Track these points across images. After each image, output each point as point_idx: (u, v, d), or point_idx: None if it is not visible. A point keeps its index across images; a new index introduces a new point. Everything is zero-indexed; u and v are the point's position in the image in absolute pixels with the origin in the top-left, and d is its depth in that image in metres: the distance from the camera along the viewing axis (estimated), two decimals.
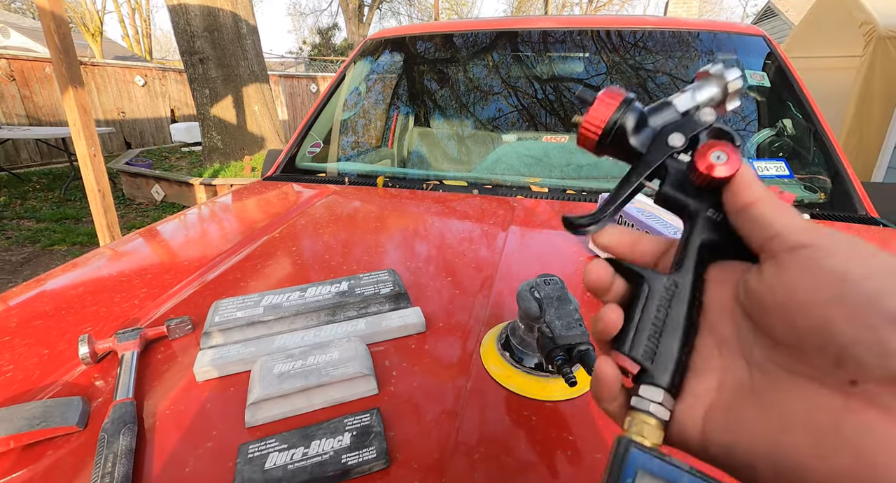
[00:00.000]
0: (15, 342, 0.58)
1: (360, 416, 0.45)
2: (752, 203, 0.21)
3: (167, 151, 6.79)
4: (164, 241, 0.93)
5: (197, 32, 5.14)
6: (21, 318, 0.64)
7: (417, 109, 1.76)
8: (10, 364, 0.54)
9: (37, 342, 0.58)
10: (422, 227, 0.94)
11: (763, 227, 0.21)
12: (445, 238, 0.88)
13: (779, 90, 1.26)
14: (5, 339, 0.59)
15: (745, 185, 0.22)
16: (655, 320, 0.23)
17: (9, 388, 0.50)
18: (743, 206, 0.22)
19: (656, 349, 0.22)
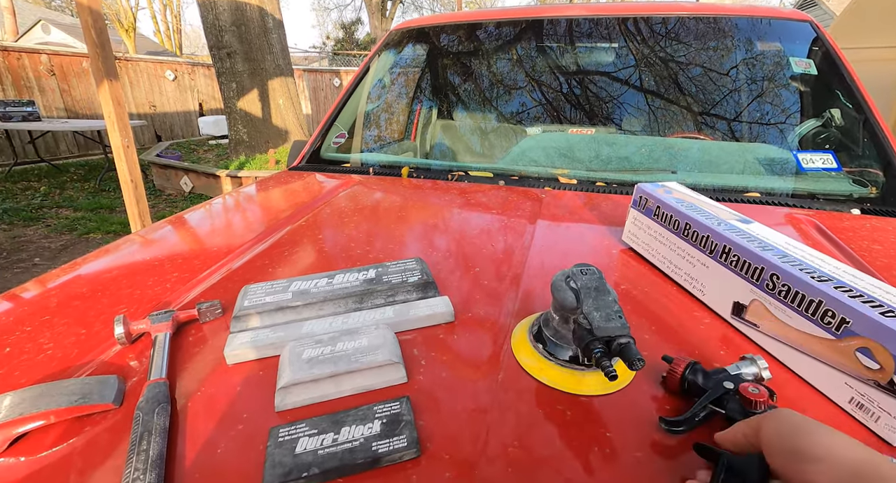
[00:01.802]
0: (54, 322, 0.60)
1: (390, 404, 0.44)
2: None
3: (195, 144, 6.96)
4: (193, 229, 0.94)
5: (225, 27, 5.23)
6: (60, 299, 0.65)
7: (441, 101, 1.74)
8: (50, 342, 0.55)
9: (75, 322, 0.59)
10: (448, 217, 0.93)
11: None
12: (472, 229, 0.87)
13: (826, 78, 1.20)
14: (45, 318, 0.61)
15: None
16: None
17: (49, 365, 0.52)
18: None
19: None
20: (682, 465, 0.39)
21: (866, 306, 0.39)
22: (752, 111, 1.27)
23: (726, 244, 0.54)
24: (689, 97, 1.33)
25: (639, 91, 1.38)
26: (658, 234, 0.66)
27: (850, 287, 0.42)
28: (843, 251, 0.73)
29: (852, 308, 0.40)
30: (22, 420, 0.41)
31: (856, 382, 0.40)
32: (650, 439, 0.41)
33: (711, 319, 0.57)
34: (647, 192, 0.69)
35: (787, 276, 0.46)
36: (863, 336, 0.39)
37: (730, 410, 0.39)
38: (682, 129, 1.32)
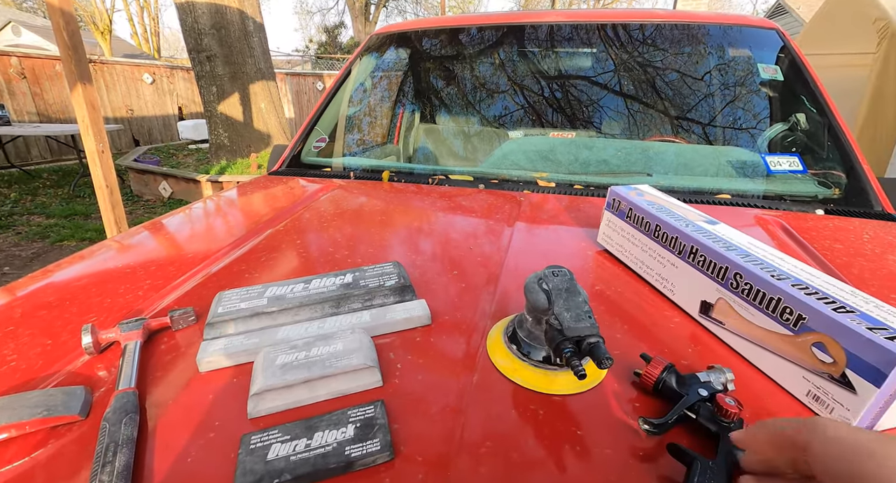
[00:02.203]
0: (18, 332, 0.58)
1: (363, 408, 0.44)
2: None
3: (175, 149, 6.84)
4: (169, 234, 0.93)
5: (204, 30, 5.16)
6: (25, 308, 0.64)
7: (423, 105, 1.75)
8: (13, 354, 0.54)
9: (40, 332, 0.58)
10: (427, 221, 0.93)
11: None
12: (451, 232, 0.87)
13: (792, 84, 1.24)
14: (9, 329, 0.59)
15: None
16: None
17: (12, 378, 0.50)
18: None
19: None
20: (651, 463, 0.40)
21: (821, 303, 0.41)
22: (723, 115, 1.31)
23: (694, 245, 0.56)
24: (663, 101, 1.36)
25: (615, 95, 1.41)
26: (630, 235, 0.68)
27: (806, 284, 0.44)
28: (807, 250, 0.75)
29: (808, 305, 0.42)
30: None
31: (812, 376, 0.42)
32: (620, 438, 0.42)
33: (681, 318, 0.58)
34: (619, 195, 0.71)
35: (749, 275, 0.48)
36: (818, 331, 0.41)
37: (701, 417, 0.41)
38: (660, 133, 1.35)
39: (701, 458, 0.36)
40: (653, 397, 0.46)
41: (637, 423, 0.42)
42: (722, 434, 0.38)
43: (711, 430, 0.39)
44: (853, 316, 0.39)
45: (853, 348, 0.38)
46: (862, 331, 0.37)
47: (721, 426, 0.39)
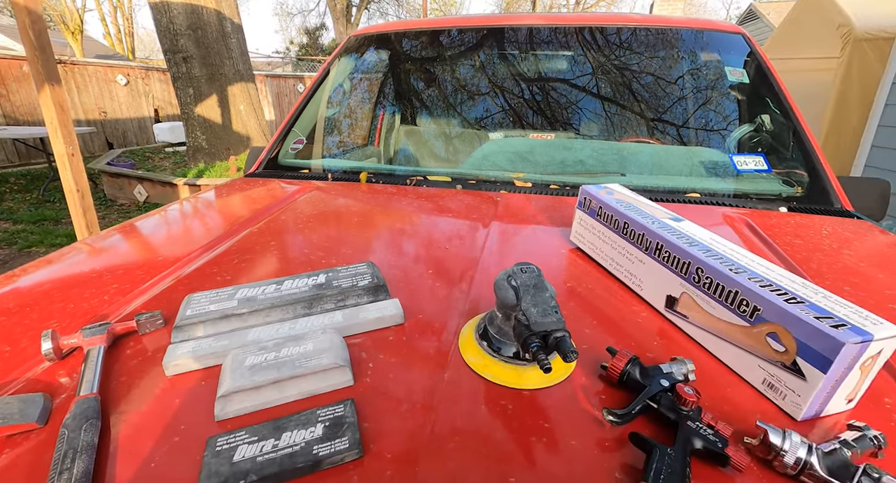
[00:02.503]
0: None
1: (333, 408, 0.44)
2: None
3: (150, 152, 6.67)
4: (140, 238, 0.91)
5: (180, 30, 5.06)
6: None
7: (402, 107, 1.75)
8: None
9: (1, 340, 0.56)
10: (404, 222, 0.94)
11: None
12: (427, 233, 0.87)
13: (757, 87, 1.28)
14: None
15: None
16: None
17: None
18: None
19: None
20: (615, 452, 0.41)
21: (774, 295, 0.43)
22: (693, 116, 1.35)
23: (659, 241, 0.57)
24: (636, 103, 1.39)
25: (591, 97, 1.44)
26: (601, 233, 0.69)
27: (761, 278, 0.46)
28: (770, 246, 0.78)
29: (762, 296, 0.43)
30: None
31: (767, 365, 0.43)
32: (586, 429, 0.43)
33: (648, 312, 0.60)
34: (590, 194, 0.72)
35: (709, 270, 0.50)
36: (771, 322, 0.42)
37: (663, 406, 0.42)
38: (634, 133, 1.38)
39: (660, 446, 0.37)
40: (618, 389, 0.47)
41: (602, 415, 0.43)
42: (681, 422, 0.39)
43: (671, 418, 0.41)
44: (803, 306, 0.41)
45: (802, 337, 0.39)
46: (810, 320, 0.39)
47: (680, 414, 0.40)
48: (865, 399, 0.44)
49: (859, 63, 5.11)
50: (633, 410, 0.42)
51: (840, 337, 0.37)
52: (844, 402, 0.41)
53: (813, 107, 5.38)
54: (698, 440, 0.37)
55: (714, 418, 0.39)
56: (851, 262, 0.74)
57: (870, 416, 0.43)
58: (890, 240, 0.84)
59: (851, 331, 0.37)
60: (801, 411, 0.40)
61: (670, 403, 0.41)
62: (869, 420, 0.42)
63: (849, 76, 5.15)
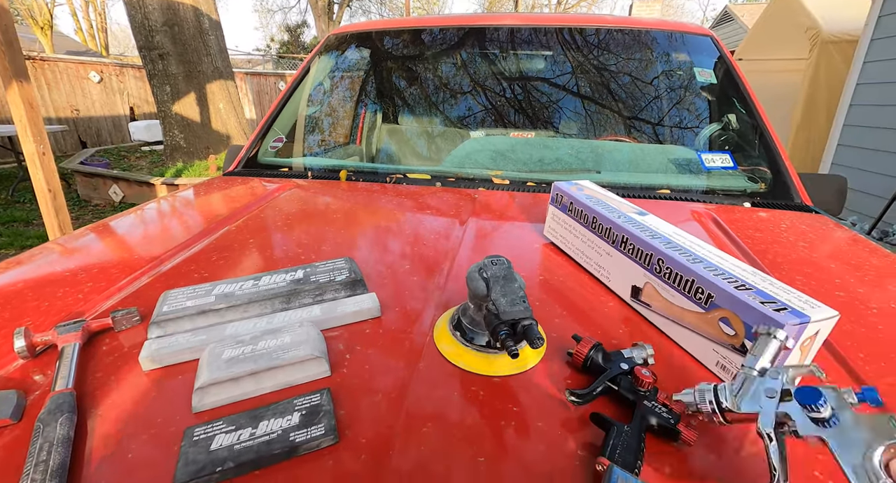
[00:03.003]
0: None
1: (309, 397, 0.46)
2: None
3: (126, 150, 6.51)
4: (116, 236, 0.90)
5: (156, 27, 4.95)
6: None
7: (384, 106, 1.76)
8: None
9: None
10: (383, 219, 0.95)
11: None
12: (406, 229, 0.89)
13: (725, 87, 1.33)
14: None
15: None
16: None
17: None
18: None
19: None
20: (578, 432, 0.43)
21: (725, 282, 0.46)
22: (663, 115, 1.39)
23: (624, 234, 0.60)
24: (610, 101, 1.43)
25: (566, 95, 1.47)
26: (572, 227, 0.72)
27: (715, 267, 0.49)
28: (732, 239, 0.82)
29: (715, 284, 0.46)
30: None
31: (720, 348, 0.46)
32: (552, 411, 0.45)
33: (615, 302, 0.63)
34: (562, 190, 0.75)
35: (669, 260, 0.53)
36: (723, 308, 0.45)
37: (622, 388, 0.45)
38: (613, 132, 1.42)
39: (618, 424, 0.40)
40: (583, 374, 0.50)
41: (565, 396, 0.46)
42: (638, 401, 0.42)
43: (630, 398, 0.43)
44: (750, 292, 0.44)
45: (749, 320, 0.42)
46: (755, 304, 0.42)
47: (637, 395, 0.43)
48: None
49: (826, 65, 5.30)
50: (594, 391, 0.44)
51: (781, 319, 0.40)
52: None
53: (784, 106, 5.57)
54: (653, 418, 0.40)
55: (668, 397, 0.42)
56: (805, 253, 0.78)
57: None
58: (843, 233, 0.89)
59: (791, 313, 0.40)
60: None
61: (629, 385, 0.44)
62: None
63: (817, 77, 5.34)
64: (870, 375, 0.49)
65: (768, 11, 6.67)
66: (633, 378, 0.44)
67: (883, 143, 3.96)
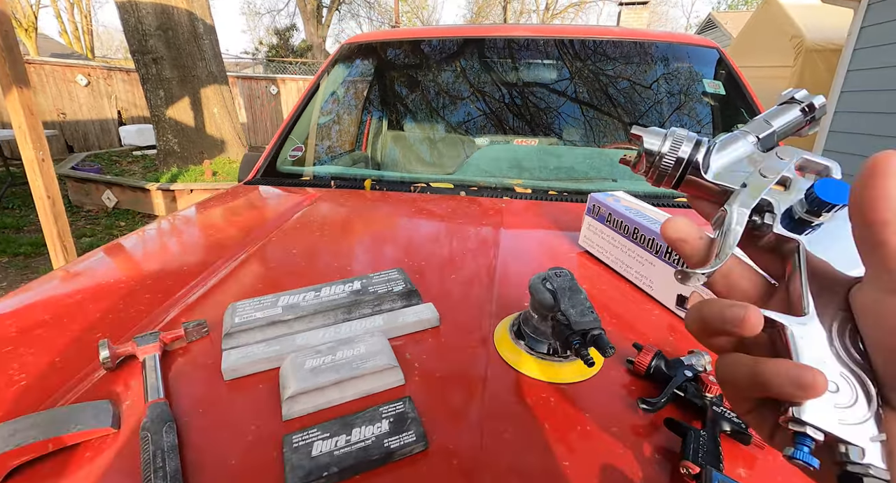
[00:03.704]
0: (20, 352, 0.57)
1: (394, 405, 0.48)
2: (883, 222, 0.19)
3: (117, 155, 6.41)
4: (155, 248, 0.91)
5: (149, 31, 4.91)
6: (20, 327, 0.62)
7: (395, 113, 1.79)
8: (21, 373, 0.53)
9: (44, 351, 0.57)
10: (419, 228, 0.98)
11: (878, 254, 0.20)
12: (442, 238, 0.92)
13: (732, 96, 1.39)
14: (7, 349, 0.57)
15: (881, 199, 0.20)
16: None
17: (26, 397, 0.49)
18: (871, 222, 0.20)
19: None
20: (651, 437, 0.46)
21: None
22: (675, 124, 1.44)
23: (655, 237, 0.64)
24: (624, 112, 1.48)
25: (576, 105, 1.52)
26: (610, 237, 0.75)
27: None
28: None
29: None
30: (19, 451, 0.40)
31: None
32: (622, 417, 0.48)
33: (660, 310, 0.66)
34: (599, 201, 0.78)
35: None
36: None
37: (688, 394, 0.48)
38: (618, 140, 1.47)
39: (693, 429, 0.43)
40: (644, 381, 0.53)
41: (635, 404, 0.49)
42: (707, 407, 0.45)
43: (698, 404, 0.47)
44: None
45: None
46: None
47: (705, 401, 0.46)
48: None
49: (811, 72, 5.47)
50: (664, 399, 0.47)
51: None
52: None
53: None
54: (725, 423, 0.43)
55: None
56: None
57: None
58: None
59: None
60: None
61: (695, 391, 0.47)
62: None
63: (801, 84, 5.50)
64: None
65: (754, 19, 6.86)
66: (699, 384, 0.47)
67: (866, 148, 4.10)
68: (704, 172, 0.28)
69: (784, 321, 0.23)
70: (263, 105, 9.93)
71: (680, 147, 0.28)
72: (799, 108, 0.29)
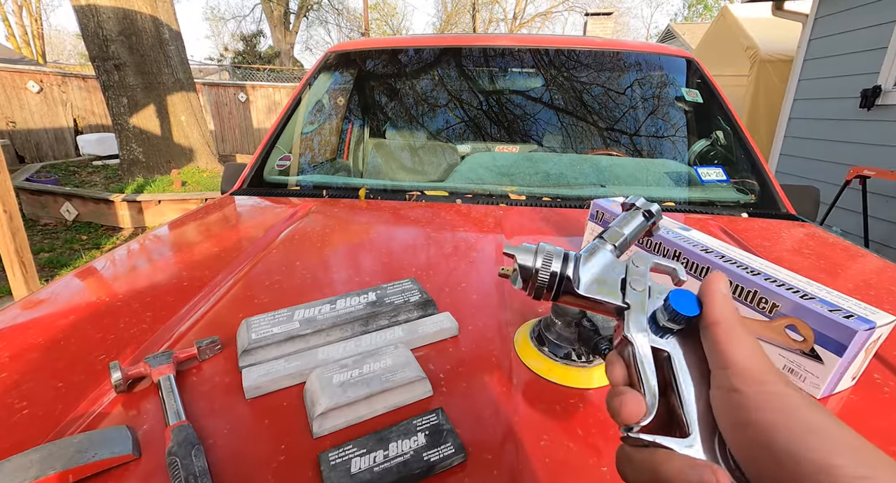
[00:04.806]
0: (17, 378, 0.53)
1: (427, 417, 0.47)
2: (714, 323, 0.25)
3: (75, 166, 6.10)
4: (150, 261, 0.87)
5: (111, 36, 4.73)
6: (13, 351, 0.57)
7: (382, 123, 1.78)
8: (22, 401, 0.49)
9: (45, 376, 0.53)
10: (421, 236, 0.97)
11: (716, 354, 0.24)
12: (446, 246, 0.92)
13: (709, 105, 1.46)
14: (2, 375, 0.53)
15: (712, 305, 0.26)
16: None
17: (32, 426, 0.46)
18: (706, 324, 0.26)
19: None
20: None
21: (789, 292, 0.52)
22: (657, 132, 1.50)
23: (676, 249, 0.66)
24: (608, 120, 1.53)
25: (559, 113, 1.56)
26: None
27: (774, 278, 0.55)
28: (746, 249, 0.90)
29: (780, 295, 0.52)
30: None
31: (787, 353, 0.52)
32: None
33: None
34: (602, 207, 0.80)
35: (728, 274, 0.59)
36: (789, 316, 0.52)
37: None
38: (601, 147, 1.51)
39: None
40: None
41: None
42: None
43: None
44: (815, 301, 0.50)
45: (819, 327, 0.49)
46: (826, 313, 0.48)
47: None
48: (863, 376, 0.54)
49: (765, 82, 5.79)
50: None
51: (853, 325, 0.46)
52: (850, 380, 0.51)
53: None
54: None
55: None
56: (811, 260, 0.88)
57: (865, 389, 0.53)
58: (834, 240, 1.00)
59: (859, 320, 0.46)
60: (819, 391, 0.49)
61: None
62: (866, 391, 0.53)
63: (757, 93, 5.82)
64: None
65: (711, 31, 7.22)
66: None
67: (818, 152, 4.38)
68: (576, 287, 0.31)
69: (672, 445, 0.24)
70: (232, 113, 9.69)
71: (551, 262, 0.32)
72: (641, 214, 0.35)
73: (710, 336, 0.25)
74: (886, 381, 0.54)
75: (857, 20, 3.92)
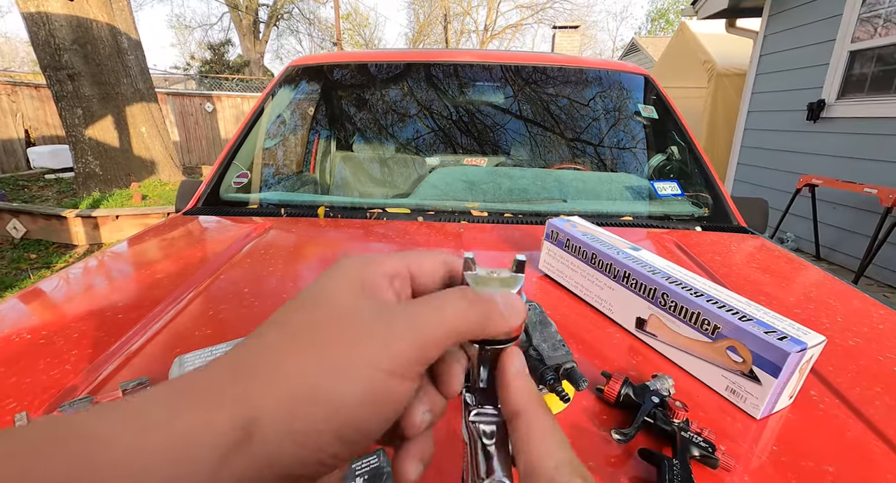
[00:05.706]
0: None
1: (367, 459, 0.45)
2: (514, 414, 0.24)
3: (25, 179, 5.79)
4: (84, 290, 0.82)
5: (63, 45, 4.54)
6: None
7: (345, 136, 1.76)
8: None
9: None
10: None
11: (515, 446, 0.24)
12: None
13: (664, 121, 1.50)
14: None
15: (507, 391, 0.25)
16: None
17: None
18: (507, 413, 0.25)
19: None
20: (626, 467, 0.47)
21: (729, 314, 0.53)
22: (617, 146, 1.54)
23: (626, 270, 0.66)
24: (569, 135, 1.55)
25: (525, 124, 1.58)
26: (570, 262, 0.78)
27: (716, 300, 0.56)
28: (697, 263, 0.92)
29: (721, 316, 0.53)
30: None
31: (728, 374, 0.53)
32: (598, 448, 0.49)
33: (620, 333, 0.68)
34: (556, 227, 0.81)
35: (673, 295, 0.59)
36: (730, 337, 0.52)
37: (658, 421, 0.49)
38: (564, 160, 1.54)
39: (667, 458, 0.44)
40: (614, 409, 0.54)
41: (608, 434, 0.50)
42: (676, 434, 0.47)
43: (667, 430, 0.48)
44: (752, 323, 0.51)
45: (756, 349, 0.49)
46: (761, 335, 0.49)
47: (674, 427, 0.48)
48: (800, 393, 0.55)
49: (722, 94, 6.07)
50: (636, 428, 0.48)
51: (785, 347, 0.47)
52: (788, 399, 0.52)
53: (692, 129, 6.31)
54: (695, 449, 0.45)
55: (699, 426, 0.47)
56: (758, 274, 0.90)
57: (803, 406, 0.54)
58: (780, 252, 1.04)
59: (791, 341, 0.47)
60: (759, 411, 0.50)
61: (664, 418, 0.49)
62: (803, 408, 0.54)
63: (715, 105, 6.09)
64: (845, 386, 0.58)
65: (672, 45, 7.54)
66: (667, 411, 0.49)
67: (772, 162, 4.60)
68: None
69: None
70: (198, 123, 9.43)
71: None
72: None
73: (511, 426, 0.24)
74: (822, 397, 0.56)
75: (801, 38, 4.17)
